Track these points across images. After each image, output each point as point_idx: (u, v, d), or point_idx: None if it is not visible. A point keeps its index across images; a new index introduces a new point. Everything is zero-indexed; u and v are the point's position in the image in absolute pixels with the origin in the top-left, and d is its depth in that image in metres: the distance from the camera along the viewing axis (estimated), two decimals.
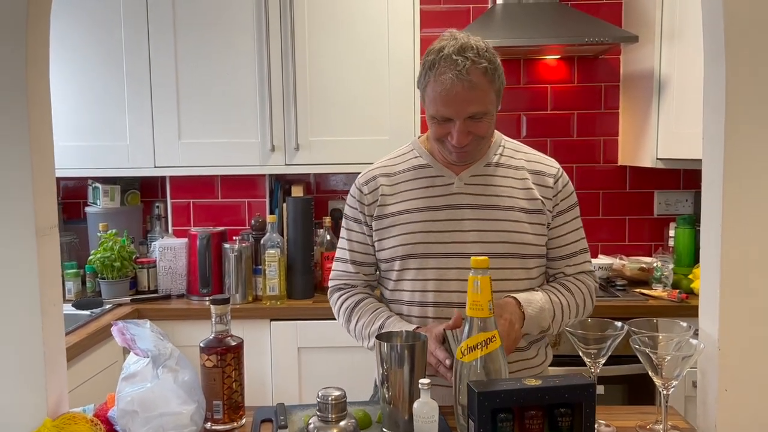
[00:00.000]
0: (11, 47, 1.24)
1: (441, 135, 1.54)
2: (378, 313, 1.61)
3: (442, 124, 1.52)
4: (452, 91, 1.46)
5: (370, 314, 1.62)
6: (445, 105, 1.48)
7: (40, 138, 1.30)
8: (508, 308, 1.49)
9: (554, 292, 1.60)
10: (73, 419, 1.25)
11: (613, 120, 3.10)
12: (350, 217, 1.70)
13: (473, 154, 1.58)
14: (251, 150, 2.77)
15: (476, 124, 1.50)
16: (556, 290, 1.61)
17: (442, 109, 1.49)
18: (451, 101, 1.47)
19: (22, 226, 1.27)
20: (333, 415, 1.27)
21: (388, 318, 1.59)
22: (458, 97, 1.46)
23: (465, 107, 1.47)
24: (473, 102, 1.47)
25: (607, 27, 2.69)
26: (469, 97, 1.47)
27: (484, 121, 1.51)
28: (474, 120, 1.50)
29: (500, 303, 1.49)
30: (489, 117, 1.52)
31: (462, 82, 1.45)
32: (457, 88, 1.45)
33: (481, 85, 1.47)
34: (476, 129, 1.51)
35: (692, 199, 3.09)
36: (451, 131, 1.51)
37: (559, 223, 1.64)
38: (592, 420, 1.19)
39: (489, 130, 1.56)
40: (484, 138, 1.55)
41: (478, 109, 1.48)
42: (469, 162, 1.61)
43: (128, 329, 1.35)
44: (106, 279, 2.71)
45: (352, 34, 2.74)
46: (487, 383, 1.20)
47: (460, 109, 1.48)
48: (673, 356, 1.26)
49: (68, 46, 2.74)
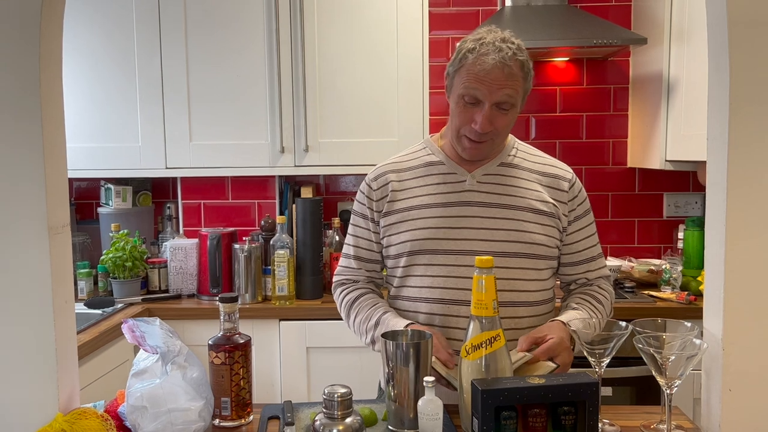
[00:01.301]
0: (25, 48, 1.27)
1: (464, 121, 1.55)
2: (375, 309, 1.62)
3: (468, 108, 1.53)
4: (491, 72, 1.48)
5: (368, 310, 1.63)
6: (480, 83, 1.49)
7: (52, 137, 1.32)
8: (554, 325, 1.50)
9: (590, 308, 1.60)
10: (84, 414, 1.27)
11: (622, 122, 3.10)
12: (358, 212, 1.72)
13: (487, 150, 1.59)
14: (261, 151, 2.80)
15: (501, 115, 1.53)
16: (591, 305, 1.62)
17: (475, 87, 1.50)
18: (487, 81, 1.49)
19: (35, 225, 1.29)
20: (339, 413, 1.29)
21: (384, 314, 1.59)
22: (495, 79, 1.49)
23: (498, 89, 1.50)
24: (507, 87, 1.50)
25: (616, 29, 2.69)
26: (505, 83, 1.50)
27: (508, 114, 1.54)
28: (500, 110, 1.52)
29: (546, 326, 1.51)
30: (513, 112, 1.55)
31: (503, 66, 1.48)
32: (497, 70, 1.48)
33: (517, 77, 1.52)
34: (499, 121, 1.53)
35: (702, 201, 3.08)
36: (476, 117, 1.52)
37: (577, 228, 1.65)
38: (595, 418, 1.20)
39: (508, 127, 1.57)
40: (501, 135, 1.57)
41: (510, 94, 1.51)
42: (479, 160, 1.62)
43: (138, 326, 1.37)
44: (117, 279, 2.74)
45: (362, 37, 2.75)
46: (491, 381, 1.21)
47: (494, 90, 1.50)
48: (678, 356, 1.27)
49: (81, 48, 2.78)
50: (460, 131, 1.57)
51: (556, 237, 1.62)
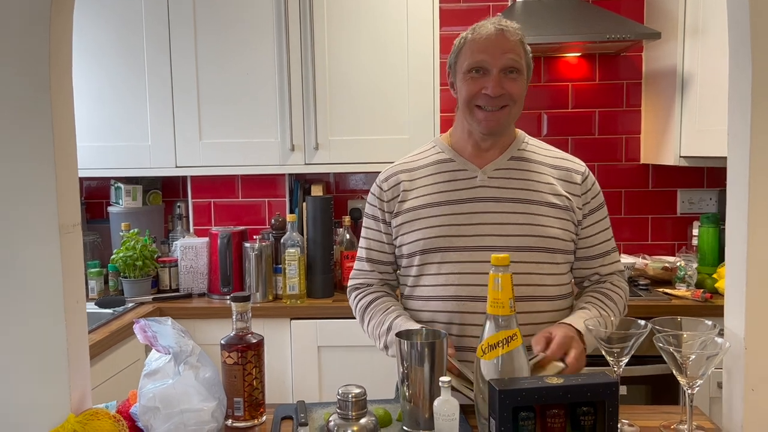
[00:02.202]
0: (35, 47, 1.26)
1: (474, 91, 1.55)
2: (387, 314, 1.60)
3: (476, 79, 1.54)
4: (492, 38, 1.53)
5: (381, 315, 1.61)
6: (483, 51, 1.53)
7: (63, 136, 1.31)
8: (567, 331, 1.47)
9: (601, 306, 1.58)
10: (96, 415, 1.26)
11: (635, 118, 3.07)
12: (369, 215, 1.70)
13: (504, 120, 1.57)
14: (271, 149, 2.78)
15: (510, 81, 1.54)
16: (602, 303, 1.59)
17: (480, 56, 1.53)
18: (491, 48, 1.53)
19: (46, 224, 1.28)
20: (353, 413, 1.28)
21: (396, 318, 1.57)
22: (498, 45, 1.53)
23: (503, 54, 1.52)
24: (510, 51, 1.53)
25: (629, 23, 2.66)
26: (507, 47, 1.53)
27: (517, 80, 1.55)
28: (508, 77, 1.53)
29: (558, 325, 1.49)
30: (522, 78, 1.56)
31: (503, 32, 1.53)
32: (498, 36, 1.53)
33: (518, 45, 1.55)
34: (510, 86, 1.53)
35: (716, 197, 3.05)
36: (486, 84, 1.53)
37: (591, 222, 1.63)
38: (615, 419, 1.17)
39: (521, 95, 1.57)
40: (515, 103, 1.56)
41: (515, 58, 1.53)
42: (495, 133, 1.60)
43: (150, 326, 1.36)
44: (128, 278, 2.73)
45: (372, 33, 2.73)
46: (509, 381, 1.19)
47: (498, 55, 1.52)
48: (698, 355, 1.24)
49: (90, 47, 2.77)
50: (472, 102, 1.56)
51: (572, 230, 1.60)
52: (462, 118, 1.62)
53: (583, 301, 1.61)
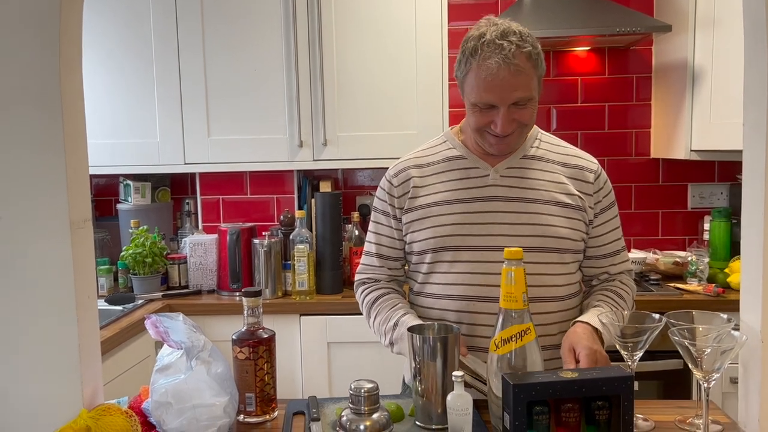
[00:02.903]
0: (45, 43, 1.25)
1: (483, 124, 1.50)
2: (394, 311, 1.59)
3: (485, 112, 1.49)
4: (498, 76, 1.42)
5: (387, 311, 1.60)
6: (490, 91, 1.44)
7: (73, 132, 1.30)
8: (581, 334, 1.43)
9: (613, 304, 1.56)
10: (108, 410, 1.26)
11: (645, 112, 3.05)
12: (379, 209, 1.69)
13: (515, 143, 1.56)
14: (279, 146, 2.78)
15: (520, 110, 1.48)
16: (614, 301, 1.58)
17: (486, 96, 1.45)
18: (497, 87, 1.43)
19: (57, 220, 1.27)
20: (366, 408, 1.27)
21: (403, 315, 1.56)
22: (504, 83, 1.43)
23: (511, 93, 1.44)
24: (519, 87, 1.44)
25: (639, 16, 2.64)
26: (515, 83, 1.43)
27: (528, 107, 1.48)
28: (518, 107, 1.47)
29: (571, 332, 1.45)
30: (533, 103, 1.50)
31: (508, 66, 1.42)
32: (503, 73, 1.42)
33: (526, 70, 1.45)
34: (520, 116, 1.48)
35: (727, 191, 3.03)
36: (495, 119, 1.47)
37: (602, 221, 1.62)
38: (630, 413, 1.16)
39: (532, 118, 1.52)
40: (526, 126, 1.53)
41: (524, 94, 1.45)
42: (507, 153, 1.59)
43: (161, 322, 1.35)
44: (137, 275, 2.73)
45: (380, 29, 2.72)
46: (523, 376, 1.18)
47: (506, 95, 1.44)
48: (714, 348, 1.23)
49: (98, 44, 2.77)
50: (482, 131, 1.53)
51: (582, 230, 1.58)
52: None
53: (595, 299, 1.59)
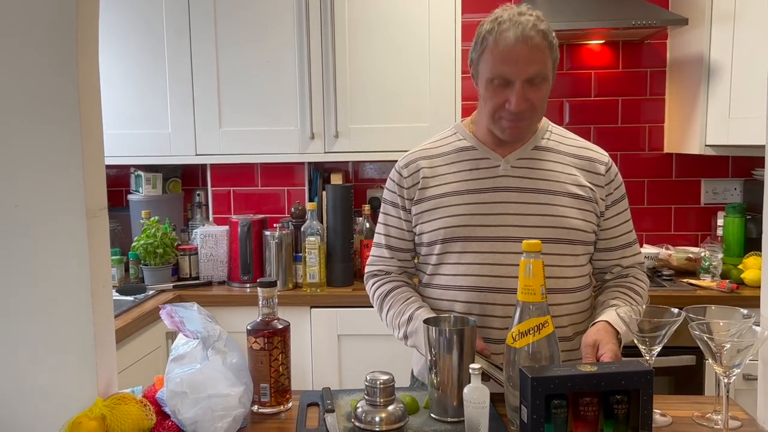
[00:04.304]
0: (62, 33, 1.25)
1: (497, 104, 1.49)
2: (408, 304, 1.58)
3: (499, 91, 1.48)
4: (515, 48, 1.43)
5: (401, 304, 1.59)
6: (506, 63, 1.45)
7: (90, 121, 1.30)
8: (602, 333, 1.42)
9: (630, 302, 1.55)
10: (123, 399, 1.26)
11: (659, 106, 3.02)
12: (388, 201, 1.68)
13: (526, 128, 1.54)
14: (291, 138, 2.77)
15: (534, 90, 1.47)
16: (631, 298, 1.56)
17: (502, 68, 1.45)
18: (514, 60, 1.44)
19: (73, 209, 1.27)
20: (381, 400, 1.27)
21: (418, 309, 1.55)
22: (521, 56, 1.44)
23: (527, 66, 1.44)
24: (535, 62, 1.45)
25: (655, 9, 2.62)
26: (532, 57, 1.44)
27: (542, 87, 1.48)
28: (532, 85, 1.47)
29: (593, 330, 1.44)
30: (546, 84, 1.49)
31: (526, 40, 1.43)
32: (521, 46, 1.43)
33: (542, 48, 1.46)
34: (534, 95, 1.48)
35: (741, 187, 3.00)
36: (509, 97, 1.47)
37: (613, 213, 1.60)
38: (649, 408, 1.15)
39: (545, 100, 1.52)
40: (538, 110, 1.52)
41: (539, 69, 1.46)
42: (519, 140, 1.57)
43: (177, 312, 1.35)
44: (148, 265, 2.74)
45: (393, 20, 2.71)
46: (541, 369, 1.17)
47: (522, 68, 1.44)
48: (733, 344, 1.21)
49: (111, 36, 2.76)
50: (495, 115, 1.52)
51: (593, 222, 1.57)
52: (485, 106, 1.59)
53: (611, 296, 1.58)
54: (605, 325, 1.44)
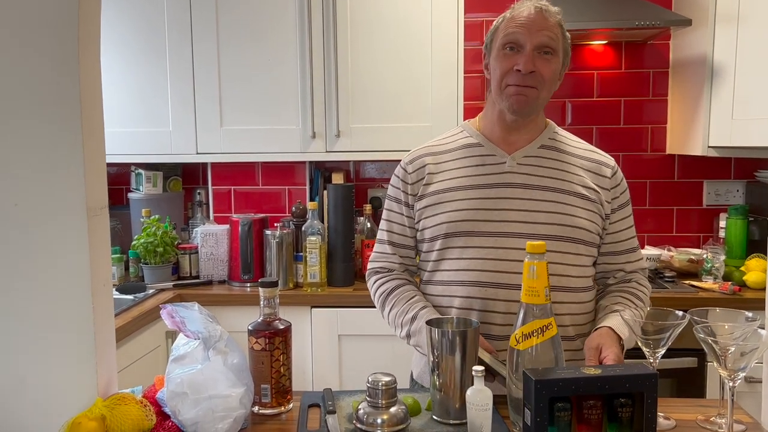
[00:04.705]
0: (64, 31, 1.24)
1: (507, 68, 1.52)
2: (412, 303, 1.57)
3: (510, 56, 1.52)
4: (529, 17, 1.51)
5: (404, 303, 1.58)
6: (520, 26, 1.51)
7: (91, 119, 1.29)
8: (606, 338, 1.42)
9: (633, 307, 1.54)
10: (124, 400, 1.25)
11: (662, 107, 3.02)
12: (392, 197, 1.67)
13: (532, 100, 1.53)
14: (292, 137, 2.76)
15: (543, 61, 1.51)
16: (633, 304, 1.56)
17: (515, 31, 1.51)
18: (527, 24, 1.51)
19: (74, 207, 1.26)
20: (383, 401, 1.26)
21: (422, 309, 1.55)
22: (535, 23, 1.51)
23: (538, 32, 1.50)
24: (547, 29, 1.51)
25: (658, 10, 2.61)
26: (544, 25, 1.51)
27: (551, 61, 1.52)
28: (542, 56, 1.51)
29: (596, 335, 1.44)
30: (555, 60, 1.53)
31: (541, 11, 1.52)
32: (536, 14, 1.51)
33: (555, 26, 1.53)
34: (542, 66, 1.51)
35: (743, 189, 3.00)
36: (518, 60, 1.51)
37: (618, 218, 1.60)
38: (653, 411, 1.14)
39: (553, 76, 1.54)
40: (546, 81, 1.52)
41: (551, 37, 1.51)
42: (524, 114, 1.56)
43: (177, 312, 1.34)
44: (149, 264, 2.73)
45: (395, 19, 2.70)
46: (545, 371, 1.16)
47: (534, 31, 1.50)
48: (738, 346, 1.21)
49: (112, 33, 2.76)
50: (503, 81, 1.53)
51: (599, 223, 1.57)
52: (493, 101, 1.59)
53: (613, 301, 1.57)
54: (608, 331, 1.44)
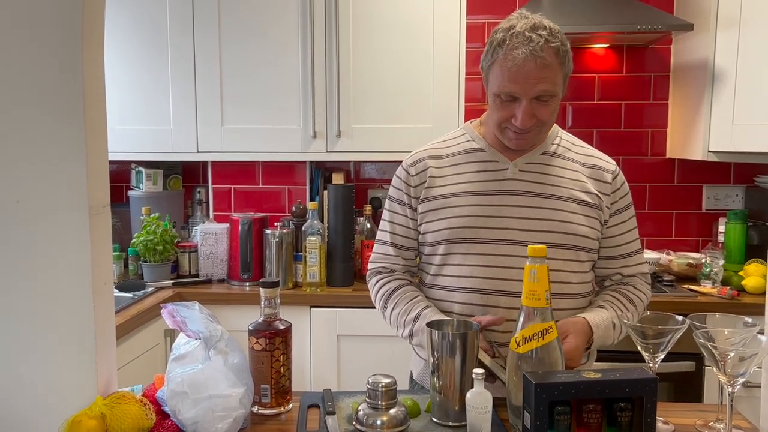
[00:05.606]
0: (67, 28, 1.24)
1: (504, 117, 1.49)
2: (415, 303, 1.58)
3: (506, 105, 1.48)
4: (524, 67, 1.41)
5: (407, 303, 1.58)
6: (514, 81, 1.43)
7: (94, 117, 1.30)
8: (578, 328, 1.44)
9: (620, 308, 1.55)
10: (123, 398, 1.25)
11: (662, 111, 3.02)
12: (394, 198, 1.67)
13: (533, 139, 1.54)
14: (293, 136, 2.76)
15: (542, 106, 1.46)
16: (622, 305, 1.56)
17: (509, 86, 1.44)
18: (521, 78, 1.42)
19: (76, 205, 1.26)
20: (383, 403, 1.26)
21: (425, 309, 1.55)
22: (529, 75, 1.42)
23: (534, 85, 1.43)
24: (543, 80, 1.43)
25: (660, 14, 2.61)
26: (540, 76, 1.42)
27: (550, 104, 1.47)
28: (540, 102, 1.46)
29: (570, 322, 1.45)
30: (555, 100, 1.48)
31: (535, 58, 1.41)
32: (530, 64, 1.41)
33: (553, 66, 1.44)
34: (541, 112, 1.47)
35: (742, 194, 3.00)
36: (515, 113, 1.46)
37: (618, 221, 1.60)
38: (653, 416, 1.15)
39: (553, 115, 1.51)
40: (546, 124, 1.51)
41: (547, 88, 1.44)
42: (526, 149, 1.57)
43: (178, 311, 1.34)
44: (148, 262, 2.72)
45: (397, 20, 2.70)
46: (545, 375, 1.16)
47: (529, 87, 1.43)
48: (737, 352, 1.21)
49: (113, 31, 2.75)
50: (502, 125, 1.52)
51: (598, 229, 1.57)
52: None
53: (602, 299, 1.58)
54: (582, 321, 1.46)
